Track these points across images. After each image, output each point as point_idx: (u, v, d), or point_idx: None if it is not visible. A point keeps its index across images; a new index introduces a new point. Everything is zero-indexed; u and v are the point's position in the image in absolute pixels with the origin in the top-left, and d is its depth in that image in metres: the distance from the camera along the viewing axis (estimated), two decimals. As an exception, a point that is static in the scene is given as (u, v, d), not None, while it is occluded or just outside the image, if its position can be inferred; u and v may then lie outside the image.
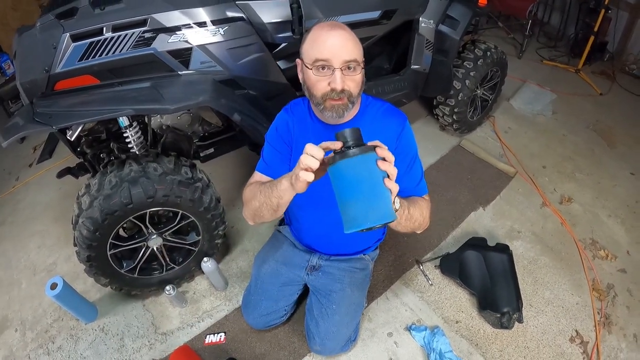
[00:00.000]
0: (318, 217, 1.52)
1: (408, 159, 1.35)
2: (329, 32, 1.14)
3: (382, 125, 1.34)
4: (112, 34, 1.46)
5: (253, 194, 1.27)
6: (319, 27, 1.17)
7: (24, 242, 2.28)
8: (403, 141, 1.35)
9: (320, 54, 1.13)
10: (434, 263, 2.09)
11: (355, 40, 1.17)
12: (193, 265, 1.92)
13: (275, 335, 1.79)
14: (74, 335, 1.84)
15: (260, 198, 1.21)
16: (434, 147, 2.84)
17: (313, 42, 1.16)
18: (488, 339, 1.80)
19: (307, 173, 0.97)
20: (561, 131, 3.09)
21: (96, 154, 1.84)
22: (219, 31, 1.59)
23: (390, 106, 1.38)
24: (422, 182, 1.38)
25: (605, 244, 2.25)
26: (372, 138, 1.28)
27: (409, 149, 1.36)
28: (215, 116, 1.94)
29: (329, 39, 1.13)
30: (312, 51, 1.15)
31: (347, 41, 1.14)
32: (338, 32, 1.14)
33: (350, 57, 1.13)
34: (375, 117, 1.35)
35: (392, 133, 1.34)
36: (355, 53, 1.15)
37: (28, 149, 2.95)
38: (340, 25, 1.17)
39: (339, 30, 1.15)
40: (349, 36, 1.16)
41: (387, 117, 1.35)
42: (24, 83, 1.46)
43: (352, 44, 1.15)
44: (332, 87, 1.15)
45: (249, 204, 1.29)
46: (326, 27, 1.16)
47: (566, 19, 4.21)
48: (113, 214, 1.53)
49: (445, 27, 2.32)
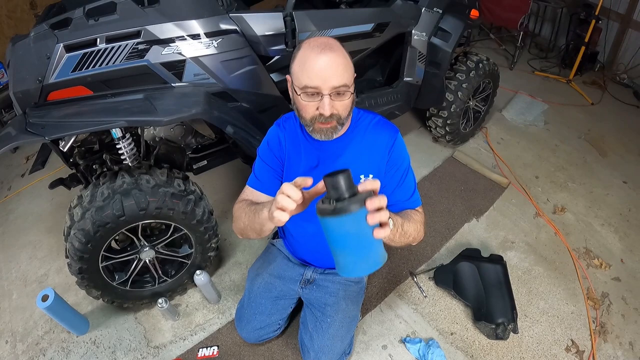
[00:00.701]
0: (311, 231, 1.51)
1: (400, 172, 1.36)
2: (318, 56, 1.11)
3: (373, 138, 1.34)
4: (106, 45, 1.47)
5: (240, 214, 1.27)
6: (309, 47, 1.14)
7: (15, 253, 2.25)
8: (394, 154, 1.35)
9: (310, 80, 1.12)
10: (428, 275, 2.08)
11: (345, 63, 1.14)
12: (186, 278, 1.90)
13: (269, 348, 1.77)
14: (65, 348, 1.81)
15: (245, 220, 1.22)
16: (427, 159, 2.85)
17: (302, 65, 1.13)
18: (483, 350, 1.79)
19: (282, 213, 0.95)
20: (553, 141, 3.11)
21: (89, 165, 1.83)
22: (212, 43, 1.60)
23: (382, 119, 1.38)
24: (415, 194, 1.38)
25: (599, 253, 2.26)
26: (363, 152, 1.29)
27: (400, 161, 1.36)
28: (208, 128, 1.94)
29: (318, 64, 1.11)
30: (302, 76, 1.14)
31: (337, 66, 1.12)
32: (328, 57, 1.11)
33: (339, 82, 1.13)
34: (366, 131, 1.35)
35: (383, 146, 1.34)
36: (345, 78, 1.14)
37: (21, 158, 2.94)
38: (330, 46, 1.13)
39: (329, 53, 1.11)
40: (339, 60, 1.13)
41: (378, 130, 1.35)
42: (17, 93, 1.46)
43: (342, 68, 1.13)
44: (320, 112, 1.16)
45: (237, 222, 1.29)
46: (316, 48, 1.12)
47: (557, 30, 4.27)
48: (105, 226, 1.52)
49: (438, 39, 2.34)
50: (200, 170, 2.05)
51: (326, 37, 1.18)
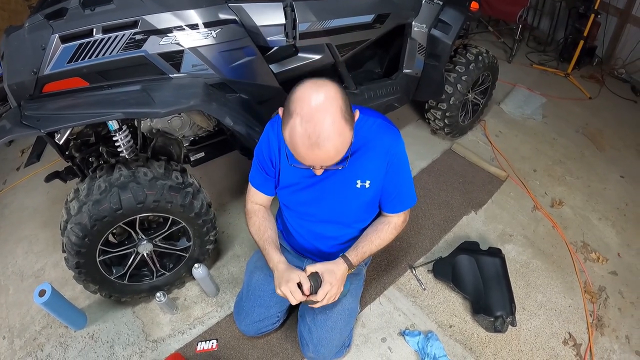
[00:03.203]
0: (311, 228, 1.54)
1: (397, 178, 1.37)
2: (308, 151, 1.06)
3: (373, 144, 1.31)
4: (102, 35, 1.44)
5: (253, 231, 1.49)
6: (299, 137, 1.05)
7: (11, 248, 2.23)
8: (394, 160, 1.33)
9: (302, 161, 1.12)
10: (426, 267, 2.08)
11: (339, 147, 1.08)
12: (184, 272, 1.89)
13: (268, 341, 1.77)
14: (63, 343, 1.80)
15: (258, 244, 1.48)
16: (425, 151, 2.84)
17: (292, 148, 1.08)
18: (482, 343, 1.80)
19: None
20: (551, 135, 3.11)
21: (85, 158, 1.81)
22: (211, 34, 1.57)
23: (383, 123, 1.33)
24: (407, 199, 1.43)
25: (596, 247, 2.27)
26: (362, 157, 1.31)
27: (399, 168, 1.35)
28: (206, 120, 1.92)
29: (309, 157, 1.09)
30: (292, 152, 1.10)
31: (330, 157, 1.09)
32: (320, 151, 1.06)
33: (334, 162, 1.12)
34: (366, 135, 1.30)
35: (383, 152, 1.31)
36: (341, 155, 1.11)
37: (16, 152, 2.90)
38: (324, 138, 1.04)
39: (322, 148, 1.05)
40: (333, 150, 1.07)
41: (379, 135, 1.31)
42: (12, 85, 1.43)
43: (336, 154, 1.09)
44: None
45: (251, 231, 1.50)
46: (306, 141, 1.04)
47: (556, 24, 4.26)
48: (102, 220, 1.50)
49: (438, 31, 2.32)
50: (198, 163, 2.03)
51: (320, 111, 1.04)
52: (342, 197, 1.38)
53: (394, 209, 1.44)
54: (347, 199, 1.38)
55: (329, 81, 1.09)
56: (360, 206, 1.42)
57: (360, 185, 1.35)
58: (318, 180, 1.34)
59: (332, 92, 1.06)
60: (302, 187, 1.40)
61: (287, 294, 1.29)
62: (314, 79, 1.09)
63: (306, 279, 1.30)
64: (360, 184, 1.35)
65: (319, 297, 1.31)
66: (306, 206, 1.46)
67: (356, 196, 1.37)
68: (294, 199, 1.47)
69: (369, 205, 1.44)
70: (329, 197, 1.39)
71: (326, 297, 1.31)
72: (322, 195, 1.39)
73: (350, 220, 1.49)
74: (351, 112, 1.11)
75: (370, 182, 1.35)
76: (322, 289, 1.31)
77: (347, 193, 1.37)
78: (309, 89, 1.06)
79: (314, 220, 1.50)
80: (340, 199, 1.39)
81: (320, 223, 1.50)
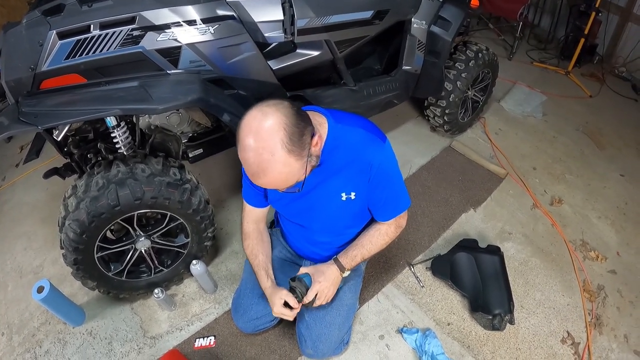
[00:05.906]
0: (301, 232, 1.56)
1: (382, 187, 1.33)
2: (255, 178, 1.07)
3: (353, 157, 1.27)
4: (100, 31, 1.43)
5: (247, 253, 1.57)
6: (244, 162, 1.07)
7: (10, 244, 2.23)
8: (377, 172, 1.29)
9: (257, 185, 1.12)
10: (425, 265, 2.08)
11: (288, 175, 1.07)
12: (182, 268, 1.89)
13: (265, 338, 1.77)
14: (62, 339, 1.80)
15: (252, 265, 1.55)
16: (424, 149, 2.83)
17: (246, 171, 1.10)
18: (480, 341, 1.80)
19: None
20: (551, 133, 3.11)
21: (83, 154, 1.80)
22: (209, 30, 1.57)
23: (364, 133, 1.27)
24: (398, 205, 1.42)
25: (595, 245, 2.26)
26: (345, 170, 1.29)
27: (384, 177, 1.31)
28: (205, 116, 1.91)
29: (259, 183, 1.09)
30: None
31: (281, 183, 1.10)
32: (267, 180, 1.07)
33: (285, 187, 1.12)
34: (347, 151, 1.26)
35: (365, 164, 1.27)
36: (290, 183, 1.11)
37: (14, 148, 2.90)
38: (265, 167, 1.03)
39: (268, 177, 1.06)
40: (281, 178, 1.07)
41: (360, 147, 1.27)
42: (9, 81, 1.43)
43: (288, 182, 1.10)
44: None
45: (245, 252, 1.58)
46: (249, 169, 1.06)
47: (556, 22, 4.25)
48: (100, 216, 1.50)
49: (438, 28, 2.31)
50: (196, 159, 2.03)
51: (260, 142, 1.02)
52: (329, 208, 1.38)
53: (382, 217, 1.44)
54: (335, 210, 1.38)
55: (277, 108, 1.03)
56: (349, 216, 1.43)
57: (345, 197, 1.34)
58: (301, 195, 1.30)
59: (275, 123, 1.01)
60: (288, 201, 1.41)
61: (280, 316, 1.43)
62: (262, 104, 1.05)
63: (290, 296, 1.38)
64: (346, 196, 1.33)
65: (309, 297, 1.39)
66: (297, 217, 1.49)
67: (343, 207, 1.36)
68: (285, 211, 1.50)
69: (357, 214, 1.44)
70: (317, 208, 1.39)
71: (318, 296, 1.39)
72: (311, 207, 1.39)
73: (341, 228, 1.50)
74: (300, 140, 1.05)
75: (355, 193, 1.33)
76: (311, 289, 1.39)
77: (334, 205, 1.36)
78: (252, 119, 1.03)
79: (307, 228, 1.51)
80: (327, 211, 1.39)
81: (312, 231, 1.51)
